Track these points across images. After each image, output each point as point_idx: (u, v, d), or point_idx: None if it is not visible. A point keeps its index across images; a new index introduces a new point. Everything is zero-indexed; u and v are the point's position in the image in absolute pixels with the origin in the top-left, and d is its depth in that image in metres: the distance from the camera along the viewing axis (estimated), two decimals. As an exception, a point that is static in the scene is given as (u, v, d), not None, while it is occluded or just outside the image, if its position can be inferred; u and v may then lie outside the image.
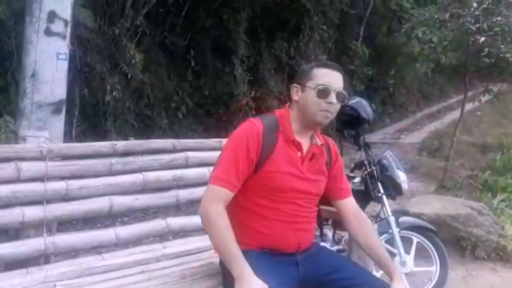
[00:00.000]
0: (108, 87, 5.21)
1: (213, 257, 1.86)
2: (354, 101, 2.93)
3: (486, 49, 5.66)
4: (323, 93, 1.66)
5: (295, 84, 1.75)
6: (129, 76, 5.48)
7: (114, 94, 5.25)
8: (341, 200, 1.85)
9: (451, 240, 3.71)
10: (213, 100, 7.09)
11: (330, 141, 1.87)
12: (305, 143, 1.74)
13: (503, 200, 4.96)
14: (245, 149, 1.62)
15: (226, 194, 1.60)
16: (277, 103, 7.71)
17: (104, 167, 2.05)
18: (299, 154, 1.72)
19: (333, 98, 1.66)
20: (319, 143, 1.78)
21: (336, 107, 1.70)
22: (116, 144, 2.11)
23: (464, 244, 3.77)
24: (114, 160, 2.08)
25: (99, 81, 5.25)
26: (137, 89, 5.88)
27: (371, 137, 8.00)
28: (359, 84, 10.12)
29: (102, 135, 5.08)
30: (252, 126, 1.67)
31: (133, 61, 5.42)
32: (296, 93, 1.73)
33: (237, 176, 1.61)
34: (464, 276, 3.50)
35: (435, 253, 3.03)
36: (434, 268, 3.01)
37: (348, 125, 3.02)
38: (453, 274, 3.31)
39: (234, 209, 1.68)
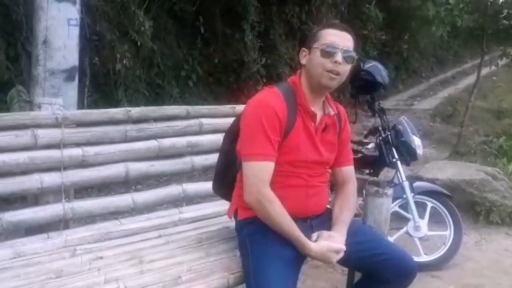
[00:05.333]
0: (118, 56, 5.16)
1: (229, 221, 1.88)
2: (369, 65, 2.88)
3: (505, 11, 5.47)
4: (327, 52, 1.61)
5: (303, 48, 1.71)
6: (139, 44, 5.42)
7: (124, 62, 5.20)
8: (339, 167, 1.82)
9: (465, 205, 3.69)
10: (223, 68, 7.00)
11: (341, 108, 1.83)
12: (318, 111, 1.71)
13: (518, 165, 4.90)
14: (273, 118, 1.58)
15: (270, 167, 1.58)
16: (288, 70, 7.59)
17: (119, 134, 2.06)
18: (313, 124, 1.69)
19: (338, 57, 1.60)
20: (332, 113, 1.74)
21: (344, 68, 1.63)
22: (130, 111, 2.10)
23: (478, 209, 3.76)
24: (128, 126, 2.09)
25: (109, 49, 5.20)
26: (147, 57, 5.82)
27: (384, 103, 7.86)
28: (372, 49, 9.90)
29: (114, 105, 5.04)
30: (274, 95, 1.63)
31: (142, 28, 5.33)
32: (304, 57, 1.70)
33: (273, 146, 1.58)
34: (477, 240, 3.51)
35: (449, 218, 3.02)
36: (448, 233, 3.01)
37: (363, 90, 2.97)
38: (466, 239, 3.33)
39: None
